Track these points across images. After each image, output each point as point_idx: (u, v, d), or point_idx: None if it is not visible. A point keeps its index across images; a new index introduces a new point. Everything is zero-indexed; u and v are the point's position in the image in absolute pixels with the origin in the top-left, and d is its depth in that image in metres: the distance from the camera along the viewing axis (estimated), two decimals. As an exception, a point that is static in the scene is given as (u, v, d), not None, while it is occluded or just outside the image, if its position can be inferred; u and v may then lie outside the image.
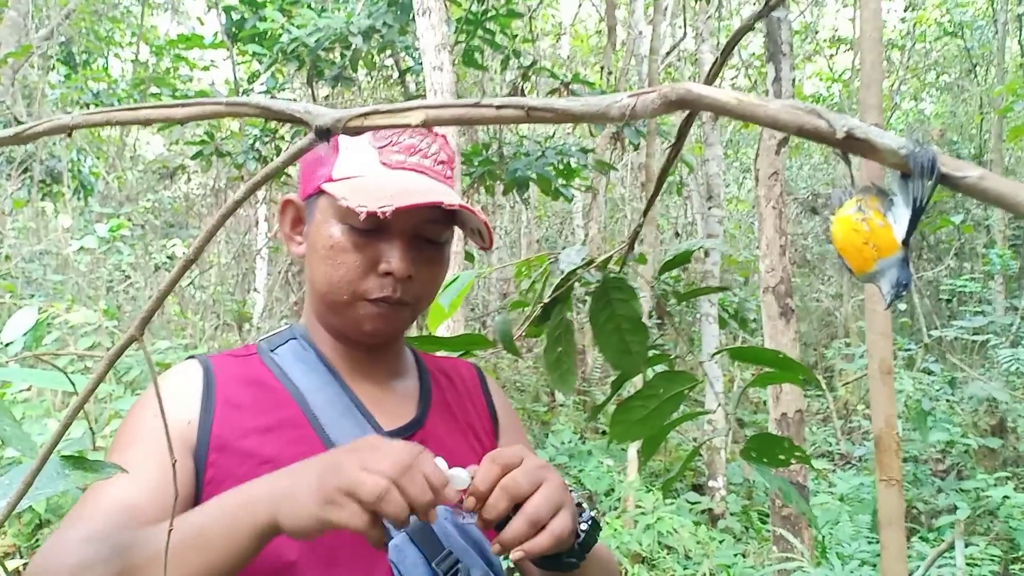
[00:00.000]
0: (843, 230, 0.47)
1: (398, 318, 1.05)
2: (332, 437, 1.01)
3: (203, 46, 8.25)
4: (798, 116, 0.45)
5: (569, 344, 1.38)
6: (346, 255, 1.00)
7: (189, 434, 0.98)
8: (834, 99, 11.82)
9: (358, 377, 1.09)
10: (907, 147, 0.42)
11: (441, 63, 3.75)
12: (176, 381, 1.02)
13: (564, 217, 13.13)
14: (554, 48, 13.15)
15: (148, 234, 8.06)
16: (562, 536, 0.84)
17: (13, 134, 0.71)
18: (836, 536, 4.98)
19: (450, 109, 0.56)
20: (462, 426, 1.14)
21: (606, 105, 0.50)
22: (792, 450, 1.29)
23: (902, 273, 0.45)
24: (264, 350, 1.09)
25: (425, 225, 1.02)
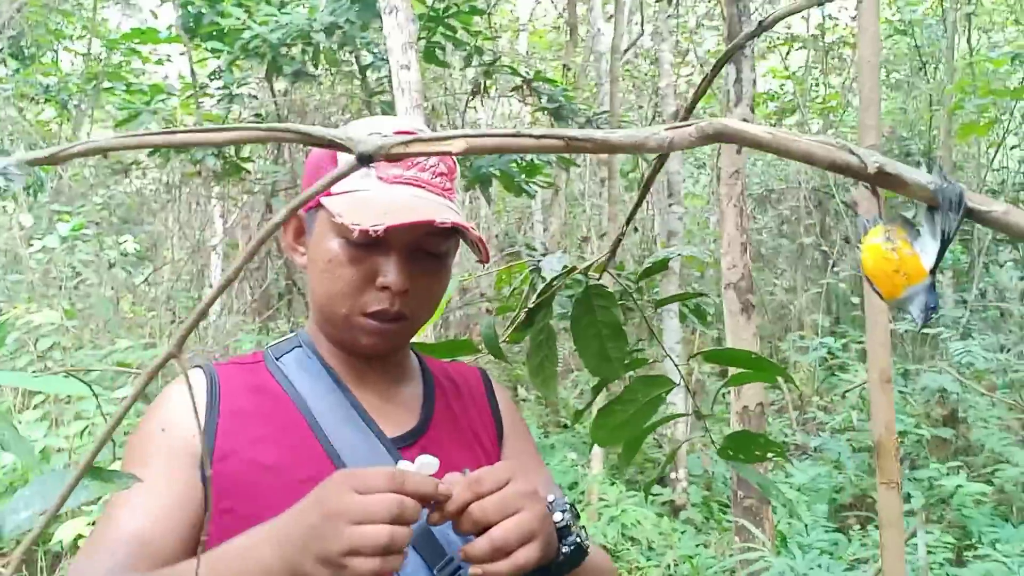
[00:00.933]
0: (874, 258, 0.50)
1: (396, 332, 1.07)
2: (334, 444, 1.03)
3: (158, 40, 8.13)
4: (831, 152, 0.48)
5: (551, 349, 1.42)
6: (344, 269, 1.02)
7: (194, 446, 1.00)
8: (787, 96, 11.99)
9: (361, 385, 1.10)
10: (935, 183, 0.46)
11: (408, 61, 3.76)
12: (182, 392, 1.04)
13: (523, 212, 13.17)
14: (511, 44, 13.16)
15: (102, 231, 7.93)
16: (525, 566, 0.87)
17: (48, 155, 0.73)
18: (795, 526, 5.09)
19: (491, 139, 0.59)
20: (465, 432, 1.16)
21: (644, 137, 0.53)
22: (768, 446, 1.35)
23: (930, 298, 0.49)
24: (270, 358, 1.11)
25: (424, 238, 1.03)
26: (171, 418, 1.01)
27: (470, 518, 0.86)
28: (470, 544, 0.86)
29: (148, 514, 0.94)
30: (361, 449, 1.03)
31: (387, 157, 0.61)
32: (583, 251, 11.50)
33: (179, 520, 0.96)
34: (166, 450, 0.98)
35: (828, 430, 7.14)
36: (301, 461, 1.01)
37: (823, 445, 6.64)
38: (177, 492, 0.97)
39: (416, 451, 1.07)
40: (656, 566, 5.02)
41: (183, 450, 0.99)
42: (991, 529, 5.02)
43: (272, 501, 0.96)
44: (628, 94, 12.82)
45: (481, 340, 1.37)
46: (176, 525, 0.95)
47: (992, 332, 7.75)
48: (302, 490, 0.97)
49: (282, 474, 0.99)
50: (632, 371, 1.36)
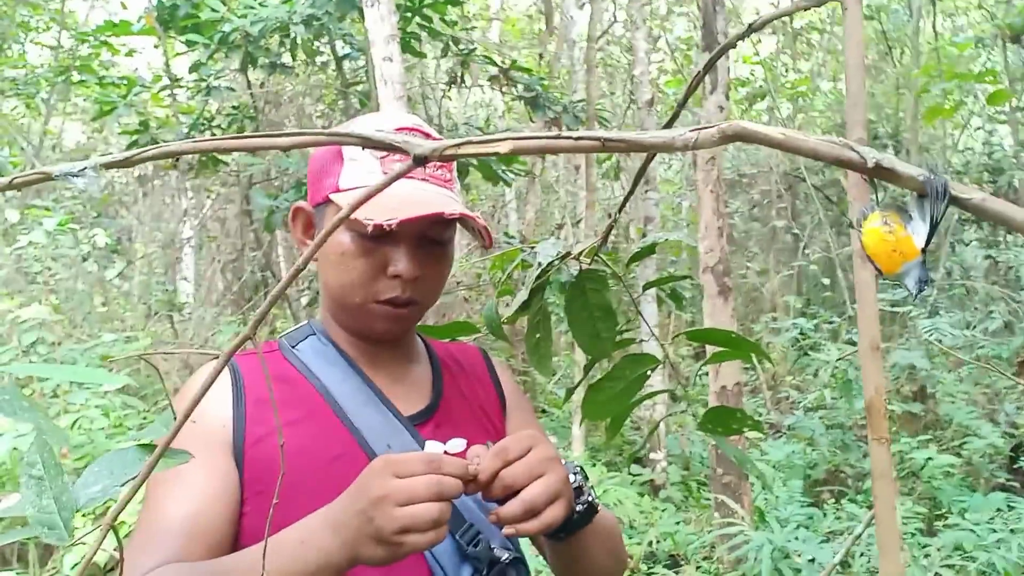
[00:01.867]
0: (874, 239, 0.59)
1: (408, 316, 1.15)
2: (357, 425, 1.10)
3: (131, 33, 8.07)
4: (835, 149, 0.57)
5: (547, 330, 1.51)
6: (356, 261, 1.09)
7: (226, 436, 1.06)
8: (757, 83, 12.15)
9: (375, 368, 1.17)
10: (925, 175, 0.55)
11: (391, 54, 3.82)
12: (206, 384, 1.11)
13: (496, 201, 13.23)
14: (484, 34, 13.18)
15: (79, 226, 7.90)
16: (552, 524, 0.95)
17: (124, 158, 0.79)
18: (772, 501, 5.23)
19: (534, 141, 0.67)
20: (473, 408, 1.24)
21: (672, 137, 0.61)
22: (744, 420, 1.45)
23: (923, 272, 0.58)
24: (286, 346, 1.18)
25: (429, 227, 1.10)
26: (201, 408, 1.08)
27: (501, 483, 0.93)
28: (503, 507, 0.94)
29: (192, 503, 1.01)
30: (382, 428, 1.10)
31: (441, 158, 0.69)
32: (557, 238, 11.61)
33: (223, 506, 1.02)
34: (200, 440, 1.02)
35: (802, 408, 7.31)
36: (328, 442, 1.08)
37: (797, 423, 6.81)
38: (216, 480, 1.03)
39: (430, 428, 1.15)
40: (638, 544, 5.14)
41: (216, 439, 1.05)
42: (960, 500, 5.20)
43: (303, 481, 1.04)
44: (601, 81, 12.91)
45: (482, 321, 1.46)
46: (221, 511, 1.02)
47: (959, 310, 7.97)
48: (331, 469, 1.05)
49: (312, 456, 1.06)
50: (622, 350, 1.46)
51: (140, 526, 1.03)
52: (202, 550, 1.00)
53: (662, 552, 5.18)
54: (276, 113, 8.75)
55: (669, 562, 5.07)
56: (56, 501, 0.88)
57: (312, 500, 1.01)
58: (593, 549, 1.12)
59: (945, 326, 6.19)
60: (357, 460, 1.06)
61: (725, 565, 4.63)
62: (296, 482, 1.04)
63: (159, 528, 1.00)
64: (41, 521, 0.86)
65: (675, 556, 5.15)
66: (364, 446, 1.08)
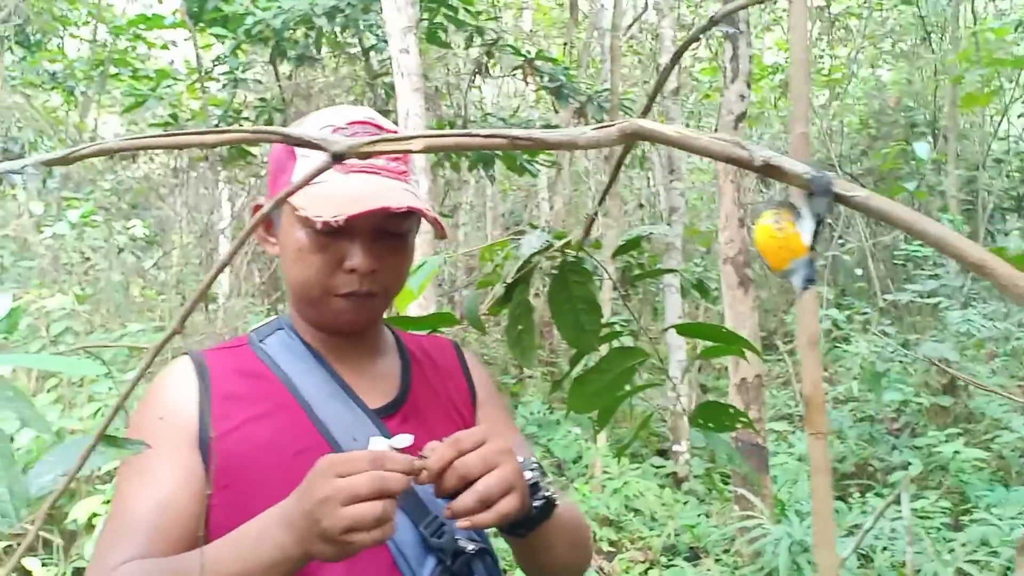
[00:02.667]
0: (763, 236, 0.59)
1: (370, 308, 1.15)
2: (322, 418, 1.11)
3: (163, 26, 8.20)
4: (726, 147, 0.57)
5: (529, 322, 1.50)
6: (313, 256, 1.09)
7: (192, 431, 1.08)
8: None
9: (342, 361, 1.18)
10: (810, 172, 0.54)
11: (407, 46, 3.83)
12: (173, 380, 1.12)
13: (529, 191, 13.22)
14: (516, 22, 13.15)
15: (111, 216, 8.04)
16: (507, 515, 0.95)
17: (62, 156, 0.81)
18: (795, 495, 5.19)
19: (447, 139, 0.68)
20: (442, 400, 1.24)
21: (575, 136, 0.62)
22: (737, 416, 1.42)
23: (809, 271, 0.58)
24: (254, 341, 1.19)
25: (385, 220, 1.10)
26: (166, 405, 1.09)
27: (455, 473, 0.94)
28: (456, 500, 0.94)
29: (159, 498, 1.03)
30: (347, 421, 1.11)
31: (358, 155, 0.70)
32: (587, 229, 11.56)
33: (189, 500, 1.04)
34: (166, 437, 1.06)
35: (831, 401, 7.24)
36: (293, 436, 1.10)
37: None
38: (182, 474, 1.05)
39: (398, 420, 1.16)
40: (658, 535, 5.14)
41: (181, 435, 1.07)
42: (988, 493, 5.11)
43: (268, 474, 1.06)
44: (634, 69, 12.83)
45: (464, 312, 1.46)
46: (187, 505, 1.04)
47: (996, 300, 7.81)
48: (295, 462, 1.06)
49: (276, 449, 1.08)
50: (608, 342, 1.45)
51: (108, 522, 1.05)
52: (168, 544, 1.02)
53: (683, 544, 5.17)
54: (306, 105, 8.83)
55: (689, 554, 5.05)
56: (9, 490, 0.91)
57: (277, 493, 1.03)
58: (555, 542, 1.12)
59: (977, 318, 6.07)
60: (322, 453, 1.07)
61: (744, 558, 4.61)
62: (261, 476, 1.06)
63: (126, 523, 1.03)
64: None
65: (695, 549, 5.13)
66: (329, 439, 1.10)
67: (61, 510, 4.10)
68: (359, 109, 1.17)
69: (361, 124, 1.12)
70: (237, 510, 1.02)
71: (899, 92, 12.32)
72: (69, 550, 3.77)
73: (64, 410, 4.11)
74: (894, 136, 11.12)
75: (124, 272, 7.52)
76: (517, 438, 1.29)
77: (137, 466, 1.05)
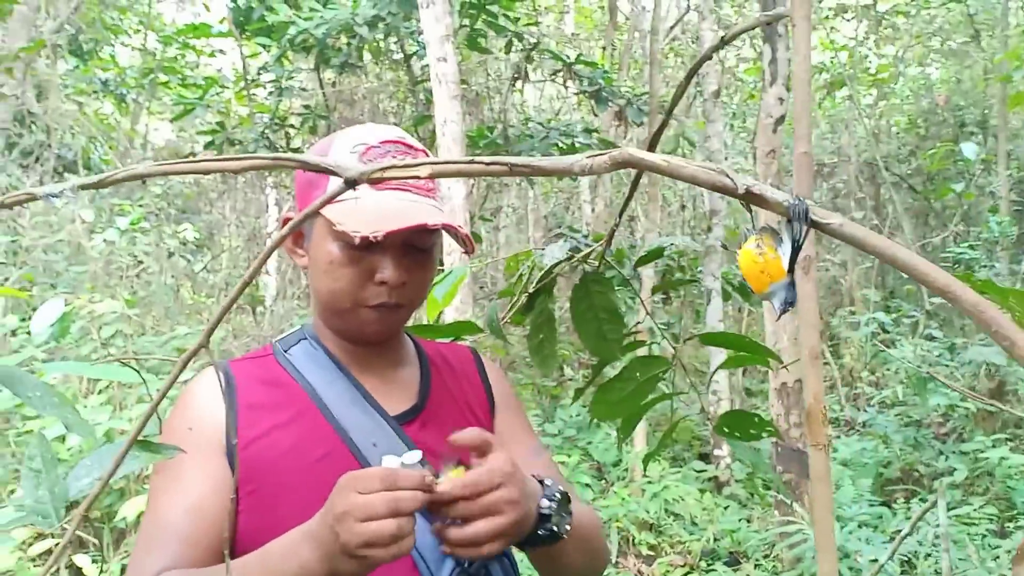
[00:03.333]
0: (745, 261, 0.62)
1: (396, 319, 1.20)
2: (344, 425, 1.15)
3: (210, 35, 8.36)
4: (711, 176, 0.59)
5: (551, 331, 1.53)
6: (344, 269, 1.14)
7: (219, 440, 1.12)
8: (838, 69, 11.83)
9: (363, 370, 1.23)
10: (788, 200, 0.57)
11: (445, 54, 3.88)
12: (200, 391, 1.17)
13: (571, 193, 13.22)
14: (558, 25, 13.17)
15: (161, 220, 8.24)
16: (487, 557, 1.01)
17: (96, 181, 0.86)
18: (838, 500, 5.13)
19: (451, 165, 0.72)
20: (461, 406, 1.27)
21: (570, 163, 0.65)
22: (762, 425, 1.43)
23: (789, 294, 0.60)
24: (279, 350, 1.24)
25: (414, 235, 1.14)
26: (195, 416, 1.15)
27: (455, 512, 0.97)
28: (450, 529, 0.98)
29: (191, 509, 1.08)
30: (367, 428, 1.16)
31: (369, 181, 0.74)
32: (632, 229, 11.56)
33: (218, 508, 1.09)
34: (195, 447, 1.10)
35: (876, 404, 7.14)
36: (315, 442, 1.14)
37: (871, 420, 6.65)
38: (212, 484, 1.10)
39: (417, 426, 1.20)
40: (698, 540, 5.12)
41: (210, 444, 1.12)
42: (1034, 501, 5.02)
43: (292, 479, 1.10)
44: (676, 71, 12.77)
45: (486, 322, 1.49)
46: (217, 513, 1.09)
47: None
48: (318, 468, 1.10)
49: (299, 455, 1.12)
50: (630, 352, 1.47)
51: (142, 530, 1.10)
52: (201, 551, 1.06)
53: (723, 549, 5.15)
54: (350, 111, 8.95)
55: (729, 559, 5.03)
56: (50, 492, 0.96)
57: (300, 498, 1.07)
58: (568, 553, 1.15)
59: (1027, 321, 5.95)
60: (344, 459, 1.12)
61: (784, 564, 4.58)
62: (285, 481, 1.10)
63: (160, 532, 1.08)
64: (36, 510, 0.94)
65: (735, 553, 5.11)
66: (351, 445, 1.14)
67: (111, 509, 4.22)
68: (390, 128, 1.21)
69: (392, 143, 1.17)
70: (262, 515, 1.07)
71: (948, 91, 12.10)
72: (118, 547, 3.88)
73: (114, 412, 4.22)
74: (943, 136, 10.94)
75: (174, 276, 7.70)
76: (534, 444, 1.31)
77: (168, 476, 1.11)
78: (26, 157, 8.14)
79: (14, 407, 3.95)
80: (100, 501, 4.20)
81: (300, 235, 1.23)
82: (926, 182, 11.23)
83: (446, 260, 4.02)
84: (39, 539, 3.72)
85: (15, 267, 6.08)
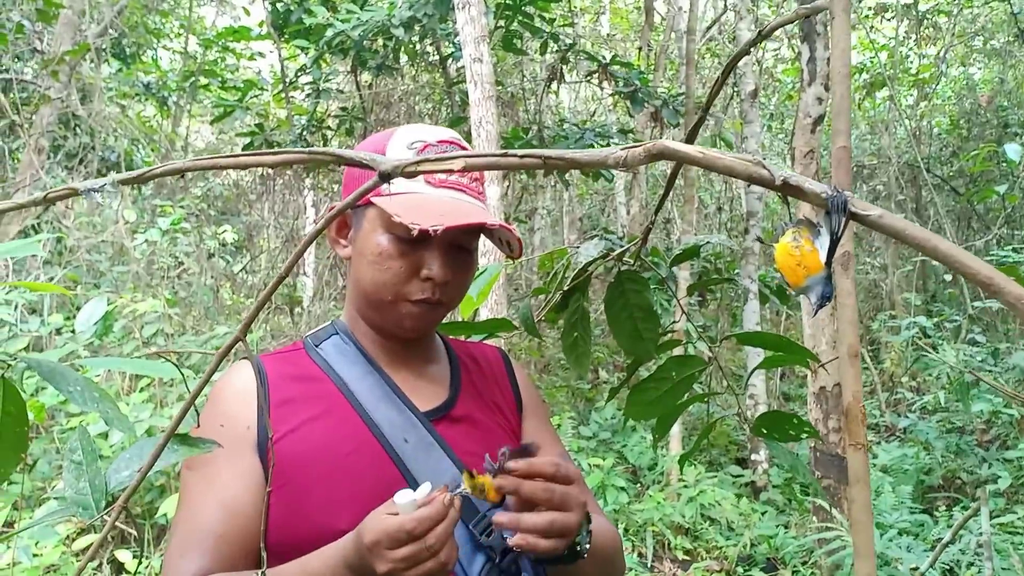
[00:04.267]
0: (781, 253, 0.61)
1: (435, 316, 1.20)
2: (375, 420, 1.15)
3: (250, 38, 8.46)
4: (748, 167, 0.58)
5: (585, 330, 1.52)
6: (392, 261, 1.14)
7: (251, 436, 1.13)
8: (878, 69, 11.66)
9: (395, 366, 1.23)
10: (827, 191, 0.56)
11: (481, 55, 3.89)
12: (232, 387, 1.18)
13: (606, 195, 13.18)
14: (594, 26, 13.14)
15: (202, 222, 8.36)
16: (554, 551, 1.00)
17: (136, 175, 0.87)
18: (877, 507, 5.06)
19: (484, 158, 0.71)
20: (489, 405, 1.28)
21: (605, 155, 0.64)
22: (801, 426, 1.41)
23: (826, 288, 0.59)
24: (310, 345, 1.24)
25: (461, 235, 1.16)
26: (227, 411, 1.15)
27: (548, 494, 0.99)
28: (526, 517, 0.99)
29: (225, 507, 1.09)
30: (398, 423, 1.16)
31: (403, 174, 0.74)
32: (668, 231, 11.49)
33: (252, 507, 1.10)
34: (228, 444, 1.11)
35: (917, 410, 7.03)
36: (346, 437, 1.14)
37: (912, 426, 6.55)
38: (244, 482, 1.11)
39: (447, 423, 1.20)
40: (734, 545, 5.07)
41: (242, 440, 1.13)
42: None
43: (323, 473, 1.10)
44: (713, 72, 12.68)
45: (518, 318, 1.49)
46: (251, 510, 1.10)
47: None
48: (348, 463, 1.11)
49: (330, 449, 1.13)
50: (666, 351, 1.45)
51: (177, 529, 1.11)
52: (235, 549, 1.07)
53: (760, 555, 5.09)
54: (387, 113, 9.01)
55: (766, 565, 4.97)
56: (90, 484, 0.98)
57: (330, 492, 1.08)
58: (586, 572, 1.15)
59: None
60: (373, 454, 1.12)
61: (823, 571, 4.51)
62: (316, 474, 1.11)
63: (195, 531, 1.08)
64: (76, 501, 0.96)
65: (772, 560, 5.05)
66: (382, 440, 1.14)
67: (152, 506, 4.28)
68: (446, 130, 1.22)
69: (449, 143, 1.18)
70: (294, 508, 1.07)
71: (991, 91, 11.88)
72: (159, 543, 3.94)
73: (156, 409, 4.28)
74: (986, 137, 10.74)
75: (214, 276, 7.81)
76: (560, 449, 1.31)
77: (200, 474, 1.11)
78: (71, 159, 8.31)
79: (59, 403, 4.03)
80: (141, 497, 4.26)
81: (346, 226, 1.24)
82: (968, 184, 11.04)
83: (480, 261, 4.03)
84: (82, 534, 3.79)
85: (60, 267, 6.20)
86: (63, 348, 3.98)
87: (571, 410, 7.44)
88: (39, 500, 4.00)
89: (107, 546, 4.17)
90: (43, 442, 4.35)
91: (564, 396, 8.07)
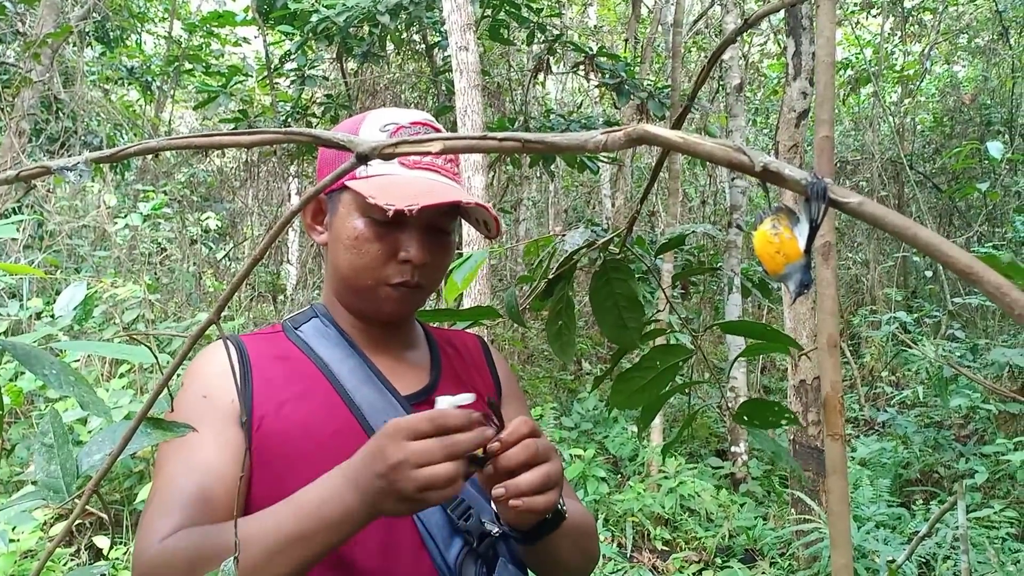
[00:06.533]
0: (760, 241, 0.60)
1: (415, 299, 1.20)
2: (356, 402, 1.15)
3: (234, 23, 8.39)
4: (728, 152, 0.58)
5: (570, 318, 1.52)
6: (369, 245, 1.14)
7: (234, 410, 1.12)
8: (863, 65, 11.70)
9: (376, 350, 1.23)
10: (807, 178, 0.55)
11: (467, 43, 3.87)
12: (214, 360, 1.16)
13: (592, 187, 13.19)
14: (582, 17, 13.12)
15: (184, 208, 8.29)
16: (551, 506, 0.98)
17: (110, 154, 0.85)
18: (855, 500, 5.10)
19: (463, 140, 0.71)
20: (469, 390, 1.27)
21: (584, 139, 0.64)
22: (782, 412, 1.41)
23: (805, 276, 0.59)
24: (289, 328, 1.24)
25: (437, 217, 1.16)
26: (209, 384, 1.14)
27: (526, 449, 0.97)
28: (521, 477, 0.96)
29: (208, 472, 1.07)
30: (380, 406, 1.15)
31: (381, 155, 0.73)
32: (653, 224, 11.51)
33: (233, 475, 1.08)
34: (211, 414, 1.10)
35: (896, 405, 7.08)
36: (328, 418, 1.14)
37: (891, 420, 6.59)
38: (229, 451, 1.09)
39: (427, 407, 1.19)
40: (713, 536, 5.10)
41: (224, 412, 1.11)
42: (1057, 506, 4.96)
43: (304, 453, 1.10)
44: (699, 65, 12.69)
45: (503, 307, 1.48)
46: (231, 479, 1.08)
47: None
48: (330, 443, 1.10)
49: (312, 430, 1.12)
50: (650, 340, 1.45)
51: (154, 495, 1.08)
52: (217, 513, 1.05)
53: (738, 546, 5.12)
54: (372, 101, 8.97)
55: (744, 556, 5.00)
56: (62, 467, 0.96)
57: (311, 471, 1.07)
58: (563, 548, 1.14)
59: (1051, 323, 5.86)
60: (355, 435, 1.11)
61: (800, 562, 4.55)
62: (298, 454, 1.10)
63: (173, 495, 1.06)
64: (47, 485, 0.94)
65: (751, 551, 5.08)
66: (362, 422, 1.14)
67: (131, 492, 4.26)
68: (421, 113, 1.21)
69: (422, 125, 1.18)
70: (274, 487, 1.06)
71: (975, 89, 11.96)
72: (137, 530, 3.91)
73: (136, 395, 4.26)
74: (969, 134, 10.81)
75: (196, 263, 7.76)
76: None
77: (180, 442, 1.08)
78: (52, 143, 8.22)
79: (38, 388, 3.99)
80: (120, 483, 4.24)
81: (321, 212, 1.23)
82: (951, 181, 11.11)
83: (464, 250, 4.02)
84: (60, 520, 3.76)
85: (40, 251, 6.14)
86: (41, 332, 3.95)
87: (553, 401, 7.46)
88: (18, 485, 3.98)
89: (84, 532, 4.15)
90: (21, 427, 4.32)
91: (547, 387, 8.08)
